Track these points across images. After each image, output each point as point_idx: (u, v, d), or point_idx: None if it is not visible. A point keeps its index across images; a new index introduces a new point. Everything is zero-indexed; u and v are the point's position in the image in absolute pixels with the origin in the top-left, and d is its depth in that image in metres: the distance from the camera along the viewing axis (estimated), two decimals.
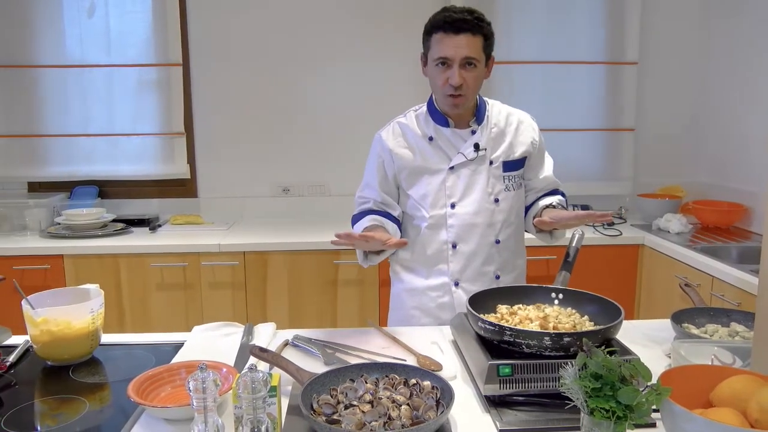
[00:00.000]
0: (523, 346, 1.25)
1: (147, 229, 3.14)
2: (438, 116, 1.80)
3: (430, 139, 1.80)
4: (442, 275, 1.82)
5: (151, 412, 1.21)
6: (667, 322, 1.56)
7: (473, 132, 1.79)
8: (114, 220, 3.16)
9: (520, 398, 1.25)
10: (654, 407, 0.98)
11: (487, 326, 1.30)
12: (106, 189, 3.41)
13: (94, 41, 3.26)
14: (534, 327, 1.34)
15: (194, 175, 3.43)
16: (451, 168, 1.77)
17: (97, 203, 3.33)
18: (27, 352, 1.53)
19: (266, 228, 3.20)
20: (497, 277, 1.82)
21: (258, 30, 3.33)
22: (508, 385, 1.23)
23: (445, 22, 1.66)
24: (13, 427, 1.18)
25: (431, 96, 1.83)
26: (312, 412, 1.13)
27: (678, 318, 1.57)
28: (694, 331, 1.54)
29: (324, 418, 1.10)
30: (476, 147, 1.76)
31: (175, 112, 3.33)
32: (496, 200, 1.79)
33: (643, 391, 0.96)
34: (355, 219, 1.85)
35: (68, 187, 3.38)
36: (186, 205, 3.44)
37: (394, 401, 1.14)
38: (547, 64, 3.36)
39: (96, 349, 1.52)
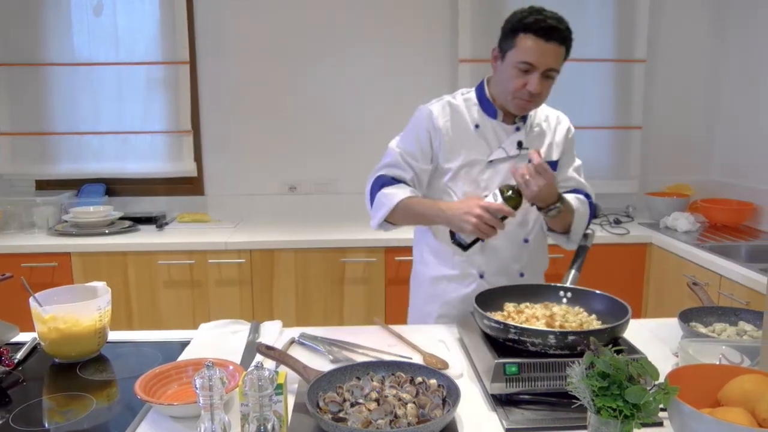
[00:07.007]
0: (528, 345, 1.25)
1: (154, 226, 3.14)
2: (487, 105, 1.75)
3: (476, 126, 1.75)
4: (469, 266, 1.78)
5: (158, 410, 1.22)
6: (674, 321, 1.55)
7: (517, 128, 1.75)
8: (121, 218, 3.18)
9: (527, 397, 1.24)
10: (661, 406, 0.97)
11: (493, 324, 1.30)
12: (113, 187, 3.42)
13: (102, 39, 3.27)
14: (540, 325, 1.34)
15: (201, 173, 3.44)
16: (491, 161, 1.74)
17: (105, 201, 3.33)
18: (35, 349, 1.54)
19: (273, 226, 3.20)
20: (521, 275, 1.80)
21: (265, 27, 3.33)
22: (514, 383, 1.23)
23: (540, 27, 1.58)
24: (21, 424, 1.19)
25: (482, 83, 1.78)
26: (318, 409, 1.13)
27: (686, 317, 1.56)
28: (702, 330, 1.53)
29: (330, 416, 1.10)
30: (519, 145, 1.73)
31: (183, 110, 3.33)
32: None
33: (650, 390, 0.95)
34: (382, 183, 1.73)
35: (76, 185, 3.39)
36: (193, 203, 3.44)
37: (400, 399, 1.14)
38: None
39: (103, 346, 1.53)
